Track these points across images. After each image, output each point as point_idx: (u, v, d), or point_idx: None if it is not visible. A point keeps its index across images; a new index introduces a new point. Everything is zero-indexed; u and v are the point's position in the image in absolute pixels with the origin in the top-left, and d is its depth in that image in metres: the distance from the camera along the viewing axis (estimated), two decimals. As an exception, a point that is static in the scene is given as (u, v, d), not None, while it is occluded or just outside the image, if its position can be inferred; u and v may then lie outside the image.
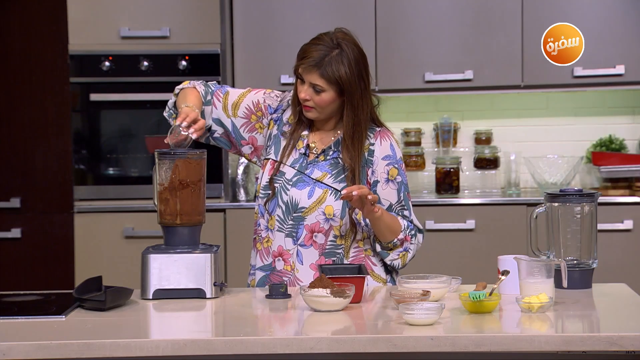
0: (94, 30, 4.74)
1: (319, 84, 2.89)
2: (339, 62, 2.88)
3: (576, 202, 2.88)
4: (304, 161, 2.97)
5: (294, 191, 2.95)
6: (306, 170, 2.96)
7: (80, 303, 2.67)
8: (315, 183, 2.94)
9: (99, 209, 4.75)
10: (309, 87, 2.91)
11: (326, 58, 2.88)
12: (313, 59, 2.88)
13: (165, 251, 2.80)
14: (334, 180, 2.95)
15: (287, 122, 3.03)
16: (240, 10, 4.83)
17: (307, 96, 2.91)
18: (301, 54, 2.93)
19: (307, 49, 2.92)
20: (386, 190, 2.96)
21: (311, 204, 2.94)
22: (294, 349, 2.32)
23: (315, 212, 2.93)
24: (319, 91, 2.90)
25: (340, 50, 2.90)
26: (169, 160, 2.82)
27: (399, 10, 4.82)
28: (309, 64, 2.88)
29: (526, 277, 2.63)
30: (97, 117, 4.80)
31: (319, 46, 2.90)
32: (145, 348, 2.32)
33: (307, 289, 2.60)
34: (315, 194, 2.94)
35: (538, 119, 5.14)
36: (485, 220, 4.71)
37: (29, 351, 2.30)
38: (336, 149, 2.98)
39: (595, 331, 2.44)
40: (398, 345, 2.32)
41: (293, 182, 2.96)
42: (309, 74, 2.90)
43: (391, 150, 2.98)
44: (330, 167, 2.97)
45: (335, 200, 2.93)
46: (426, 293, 2.61)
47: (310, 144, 3.00)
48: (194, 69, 4.74)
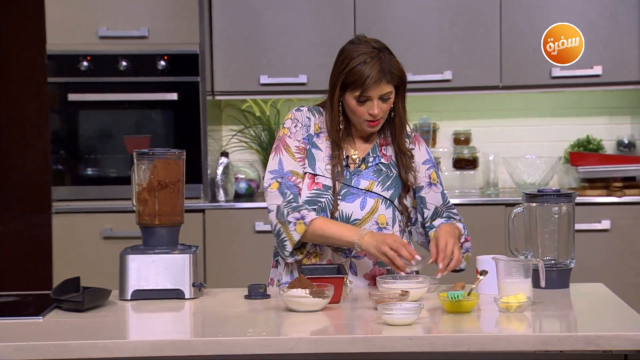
0: (72, 30, 4.72)
1: (389, 90, 2.86)
2: (393, 60, 2.87)
3: (554, 202, 2.89)
4: (346, 173, 2.93)
5: (343, 205, 2.91)
6: (351, 182, 2.93)
7: (58, 304, 2.66)
8: (366, 193, 2.91)
9: (78, 210, 4.72)
10: (378, 101, 2.86)
11: (384, 65, 2.84)
12: (376, 72, 2.82)
13: (143, 252, 2.79)
14: (382, 187, 2.93)
15: (314, 134, 2.95)
16: (220, 10, 4.82)
17: (379, 110, 2.86)
18: (357, 76, 2.82)
19: (361, 70, 2.83)
20: (429, 194, 2.98)
21: (365, 215, 2.91)
22: (273, 350, 2.32)
23: (368, 223, 2.90)
24: (387, 98, 2.87)
25: (383, 51, 2.87)
26: (147, 161, 2.81)
27: (378, 11, 4.83)
28: (377, 78, 2.82)
29: (504, 277, 2.64)
30: (75, 118, 4.78)
31: (370, 61, 2.83)
32: (124, 349, 2.31)
33: (286, 290, 2.60)
34: (368, 205, 2.91)
35: (516, 119, 5.16)
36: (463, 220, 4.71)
37: (6, 352, 2.29)
38: (375, 154, 2.96)
39: (572, 331, 2.45)
40: (377, 345, 2.33)
41: (342, 196, 2.91)
42: (377, 88, 2.84)
43: (427, 154, 3.01)
44: (374, 175, 2.94)
45: (387, 210, 2.91)
46: (405, 293, 2.61)
47: (351, 155, 2.95)
48: (172, 69, 4.73)
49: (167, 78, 4.74)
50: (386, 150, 2.97)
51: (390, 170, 2.95)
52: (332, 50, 4.84)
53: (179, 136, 4.74)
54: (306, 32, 4.84)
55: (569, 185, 5.03)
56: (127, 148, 4.70)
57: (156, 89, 4.74)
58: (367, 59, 2.84)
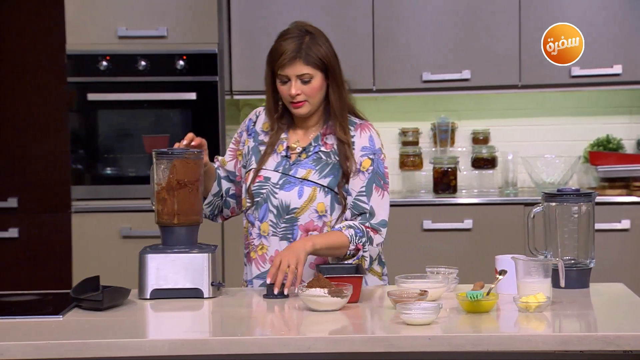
0: (92, 30, 4.73)
1: (306, 71, 2.90)
2: (315, 44, 2.92)
3: (573, 201, 2.88)
4: (286, 163, 2.97)
5: (282, 194, 2.94)
6: (290, 171, 2.96)
7: (78, 303, 2.67)
8: (302, 182, 2.94)
9: (97, 209, 4.74)
10: (296, 81, 2.91)
11: (303, 45, 2.90)
12: (291, 50, 2.89)
13: (162, 251, 2.79)
14: (319, 176, 2.95)
15: (262, 131, 3.04)
16: (238, 10, 4.83)
17: (297, 90, 2.91)
18: (275, 53, 2.92)
19: (279, 46, 2.91)
20: (355, 180, 2.95)
21: (303, 203, 2.93)
22: (291, 349, 2.32)
23: (307, 211, 2.93)
24: (307, 81, 2.91)
25: (311, 35, 2.93)
26: (166, 160, 2.82)
27: (396, 10, 4.82)
28: (290, 56, 2.88)
29: (523, 276, 2.63)
30: (94, 117, 4.79)
31: (290, 39, 2.92)
32: (143, 348, 2.31)
33: (304, 289, 2.60)
34: (305, 193, 2.93)
35: (535, 118, 5.14)
36: (482, 220, 4.71)
37: (27, 351, 2.30)
38: (316, 143, 2.98)
39: (592, 331, 2.44)
40: (395, 345, 2.32)
41: (280, 185, 2.95)
42: (292, 67, 2.89)
43: (369, 142, 2.98)
44: (313, 163, 2.96)
45: (326, 197, 2.93)
46: (423, 293, 2.61)
47: (291, 145, 2.99)
48: (191, 68, 4.74)
49: (186, 78, 4.75)
50: (328, 139, 2.99)
51: (330, 158, 2.96)
52: (351, 50, 4.88)
53: (197, 135, 4.73)
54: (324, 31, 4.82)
55: (589, 184, 5.01)
56: (146, 147, 4.72)
57: (175, 88, 4.76)
58: (288, 38, 2.91)
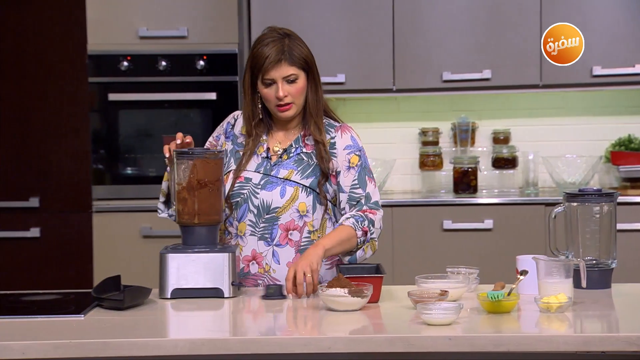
0: (113, 30, 4.76)
1: (292, 72, 2.93)
2: (296, 45, 2.96)
3: (595, 201, 2.86)
4: (267, 164, 2.99)
5: (263, 193, 2.96)
6: (272, 172, 2.98)
7: (99, 302, 2.68)
8: (285, 182, 2.95)
9: (117, 209, 4.76)
10: (282, 83, 2.93)
11: (285, 47, 2.93)
12: (275, 53, 2.92)
13: (183, 251, 2.80)
14: (302, 176, 2.97)
15: (240, 134, 3.06)
16: (258, 10, 4.83)
17: (285, 92, 2.93)
18: (258, 59, 2.93)
19: (261, 51, 2.94)
20: (347, 177, 2.99)
21: (285, 203, 2.95)
22: (311, 349, 2.32)
23: (289, 211, 2.94)
24: (292, 81, 2.94)
25: (289, 37, 2.97)
26: (187, 160, 2.82)
27: (416, 9, 4.81)
28: (275, 59, 2.91)
29: (545, 277, 2.62)
30: (115, 117, 4.81)
31: (271, 43, 2.94)
32: (163, 347, 2.32)
33: (324, 289, 2.60)
34: (288, 193, 2.95)
35: (556, 118, 5.12)
36: (503, 220, 4.70)
37: (48, 350, 2.31)
38: (297, 145, 3.00)
39: (614, 331, 2.43)
40: (416, 345, 2.32)
41: (262, 185, 2.97)
42: (278, 69, 2.92)
43: (352, 141, 3.02)
44: (295, 164, 2.99)
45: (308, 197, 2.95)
46: (444, 293, 2.60)
47: (272, 147, 3.01)
48: (211, 68, 4.75)
49: (206, 78, 4.76)
50: (308, 140, 3.02)
51: (311, 159, 2.99)
52: (371, 50, 4.88)
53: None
54: (344, 31, 4.84)
55: (610, 184, 4.99)
56: (166, 147, 4.72)
57: (195, 88, 4.77)
58: (269, 42, 2.94)
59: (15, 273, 4.85)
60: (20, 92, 4.84)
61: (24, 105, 4.84)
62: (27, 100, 4.84)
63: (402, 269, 4.62)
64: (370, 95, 4.97)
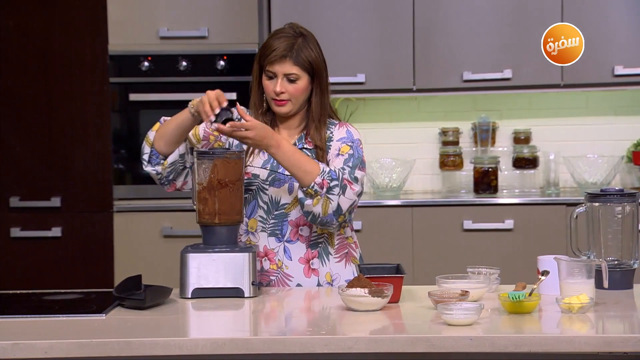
0: (134, 31, 4.77)
1: (294, 72, 2.92)
2: (307, 47, 2.95)
3: (617, 202, 2.85)
4: (273, 160, 2.96)
5: (272, 190, 2.96)
6: (279, 169, 2.96)
7: (120, 302, 2.69)
8: (291, 178, 2.94)
9: (138, 208, 4.78)
10: (282, 80, 2.93)
11: (295, 46, 2.93)
12: (283, 49, 2.92)
13: (203, 250, 2.81)
14: None
15: None
16: (278, 10, 4.84)
17: (282, 89, 2.93)
18: (266, 49, 2.95)
19: (271, 43, 2.95)
20: (335, 162, 2.92)
21: (293, 199, 2.95)
22: (332, 349, 2.32)
23: (298, 207, 2.93)
24: (293, 80, 2.93)
25: (304, 37, 2.96)
26: (207, 160, 2.83)
27: (437, 9, 4.81)
28: (281, 54, 2.91)
29: (566, 277, 2.61)
30: (136, 117, 4.83)
31: (283, 38, 2.94)
32: (185, 347, 2.33)
33: (345, 289, 2.60)
34: (295, 189, 2.94)
35: (577, 118, 5.10)
36: (524, 220, 4.68)
37: (70, 349, 2.32)
38: (301, 142, 2.99)
39: (636, 332, 2.41)
40: (437, 345, 2.31)
41: (270, 182, 2.97)
42: (281, 65, 2.92)
43: (347, 133, 3.00)
44: None
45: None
46: (465, 293, 2.60)
47: None
48: (232, 68, 4.76)
49: (227, 78, 4.76)
50: (311, 139, 3.00)
51: (314, 155, 2.97)
52: (391, 49, 4.88)
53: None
54: (364, 31, 4.84)
55: (632, 184, 4.96)
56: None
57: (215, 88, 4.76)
58: (282, 36, 2.95)
59: (36, 272, 4.87)
60: (43, 92, 4.87)
61: (46, 105, 4.86)
62: (48, 101, 4.86)
63: (422, 269, 4.61)
64: (390, 95, 4.96)
